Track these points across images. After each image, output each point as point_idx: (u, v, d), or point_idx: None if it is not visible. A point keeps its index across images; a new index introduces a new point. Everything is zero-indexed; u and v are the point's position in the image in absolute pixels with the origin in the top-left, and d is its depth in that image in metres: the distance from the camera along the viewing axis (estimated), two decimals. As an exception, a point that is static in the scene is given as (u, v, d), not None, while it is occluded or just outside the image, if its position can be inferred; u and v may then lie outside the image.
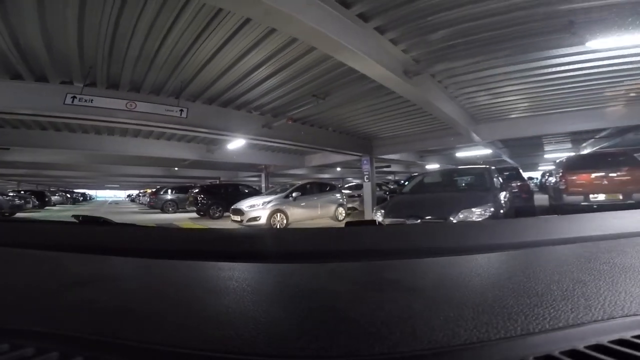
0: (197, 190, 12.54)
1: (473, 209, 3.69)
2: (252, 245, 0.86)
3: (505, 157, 16.03)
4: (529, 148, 15.26)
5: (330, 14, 3.56)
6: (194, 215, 12.06)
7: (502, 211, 4.05)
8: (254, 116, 7.77)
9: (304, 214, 8.74)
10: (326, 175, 22.10)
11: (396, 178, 20.87)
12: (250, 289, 0.51)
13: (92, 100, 5.25)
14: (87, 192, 39.02)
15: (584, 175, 6.84)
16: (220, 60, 4.98)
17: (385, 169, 17.93)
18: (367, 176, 11.77)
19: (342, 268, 0.61)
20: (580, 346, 0.32)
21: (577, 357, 0.31)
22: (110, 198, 47.47)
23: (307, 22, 3.28)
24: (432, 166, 16.37)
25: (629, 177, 6.37)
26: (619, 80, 6.12)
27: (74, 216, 1.18)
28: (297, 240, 0.92)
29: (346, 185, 15.36)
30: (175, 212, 14.33)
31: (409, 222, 3.70)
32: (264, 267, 0.63)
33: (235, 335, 0.35)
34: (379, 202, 10.39)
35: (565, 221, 0.99)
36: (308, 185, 9.45)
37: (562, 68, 5.50)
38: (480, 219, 3.57)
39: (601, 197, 6.49)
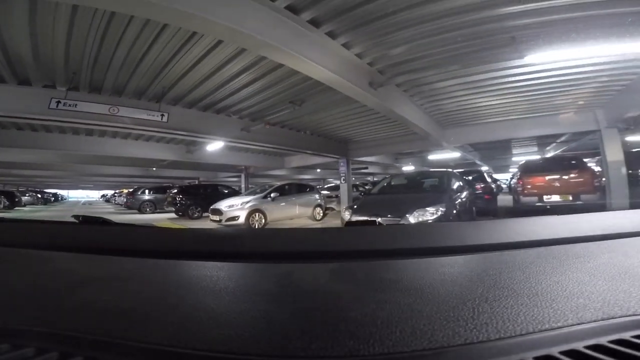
0: (175, 191, 12.45)
1: (427, 208, 4.02)
2: (252, 245, 0.86)
3: (476, 160, 16.44)
4: (498, 151, 15.68)
5: (299, 31, 3.81)
6: (173, 215, 11.97)
7: (454, 211, 4.41)
8: (233, 120, 7.96)
9: (282, 214, 8.89)
10: (307, 176, 22.26)
11: (375, 179, 21.34)
12: (251, 288, 0.52)
13: (76, 104, 5.39)
14: (59, 192, 37.56)
15: (538, 178, 7.35)
16: (200, 69, 5.19)
17: (363, 171, 18.37)
18: (343, 178, 12.21)
19: (342, 268, 0.60)
20: (580, 346, 0.32)
21: (577, 357, 0.31)
22: (83, 198, 45.70)
23: (272, 42, 3.54)
24: (408, 168, 17.02)
25: (578, 180, 6.89)
26: (566, 90, 6.58)
27: (74, 216, 1.21)
28: (297, 240, 0.91)
29: (325, 186, 15.68)
30: (153, 213, 14.17)
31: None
32: (264, 267, 0.63)
33: (235, 335, 0.35)
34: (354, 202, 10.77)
35: (566, 221, 0.99)
36: (287, 186, 9.61)
37: (516, 78, 5.92)
38: (433, 217, 3.92)
39: (554, 197, 6.99)
